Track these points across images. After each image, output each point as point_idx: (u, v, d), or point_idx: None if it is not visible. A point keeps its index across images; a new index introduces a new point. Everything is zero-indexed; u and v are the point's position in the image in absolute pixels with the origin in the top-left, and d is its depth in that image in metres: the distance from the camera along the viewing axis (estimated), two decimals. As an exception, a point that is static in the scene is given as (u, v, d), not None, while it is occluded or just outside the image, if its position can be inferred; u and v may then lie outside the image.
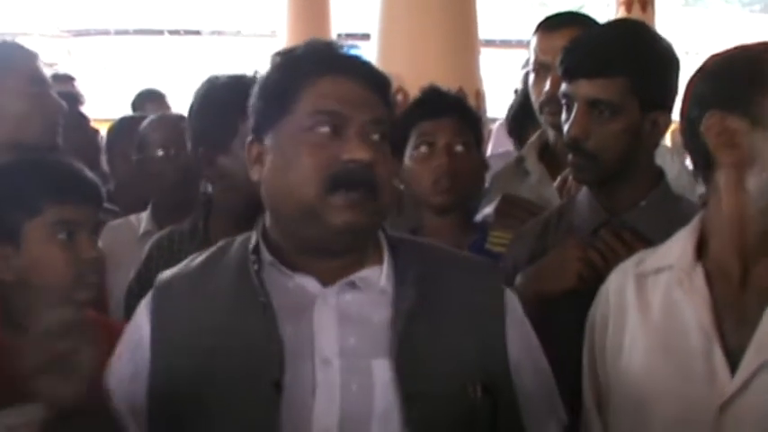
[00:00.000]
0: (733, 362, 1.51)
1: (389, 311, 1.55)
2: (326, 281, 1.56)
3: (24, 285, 1.88)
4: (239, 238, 1.66)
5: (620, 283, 1.71)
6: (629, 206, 1.99)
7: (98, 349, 1.58)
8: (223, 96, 2.20)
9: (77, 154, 3.26)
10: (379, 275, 1.58)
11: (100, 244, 1.99)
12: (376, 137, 1.53)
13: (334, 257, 1.56)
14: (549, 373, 1.72)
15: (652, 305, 1.64)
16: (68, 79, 4.48)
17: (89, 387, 1.58)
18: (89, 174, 2.02)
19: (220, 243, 1.68)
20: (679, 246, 1.63)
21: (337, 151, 1.50)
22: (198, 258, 1.66)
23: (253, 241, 1.61)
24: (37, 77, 2.43)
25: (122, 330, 1.97)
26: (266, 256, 1.58)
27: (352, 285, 1.56)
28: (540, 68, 2.58)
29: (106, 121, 4.28)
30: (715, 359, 1.52)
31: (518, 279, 2.03)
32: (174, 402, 1.53)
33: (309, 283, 1.56)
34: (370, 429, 1.50)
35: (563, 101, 2.02)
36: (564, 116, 2.02)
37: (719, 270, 1.57)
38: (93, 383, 1.63)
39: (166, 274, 1.67)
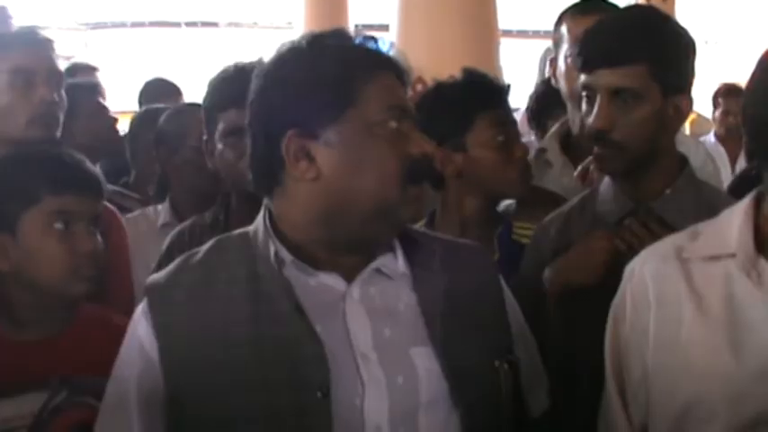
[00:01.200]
0: None
1: (413, 296, 1.54)
2: (349, 276, 1.53)
3: (20, 276, 1.87)
4: (233, 237, 1.60)
5: (658, 270, 1.61)
6: (654, 194, 1.97)
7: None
8: (211, 88, 2.27)
9: (97, 143, 3.26)
10: (394, 261, 1.57)
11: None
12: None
13: (363, 251, 1.54)
14: (535, 343, 1.77)
15: (707, 296, 1.54)
16: (90, 69, 4.45)
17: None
18: (89, 166, 2.01)
19: (211, 243, 1.60)
20: (735, 234, 1.54)
21: (405, 145, 1.49)
22: (192, 261, 1.58)
23: (260, 240, 1.53)
24: (21, 68, 2.39)
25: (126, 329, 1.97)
26: (286, 255, 1.52)
27: (378, 273, 1.54)
28: None
29: (124, 113, 4.27)
30: None
31: (546, 272, 2.00)
32: (204, 420, 1.46)
33: (334, 280, 1.52)
34: (417, 419, 1.49)
35: (583, 93, 1.99)
36: (585, 108, 1.99)
37: None
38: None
39: (158, 278, 1.57)
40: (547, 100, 3.44)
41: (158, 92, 4.69)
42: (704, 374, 1.51)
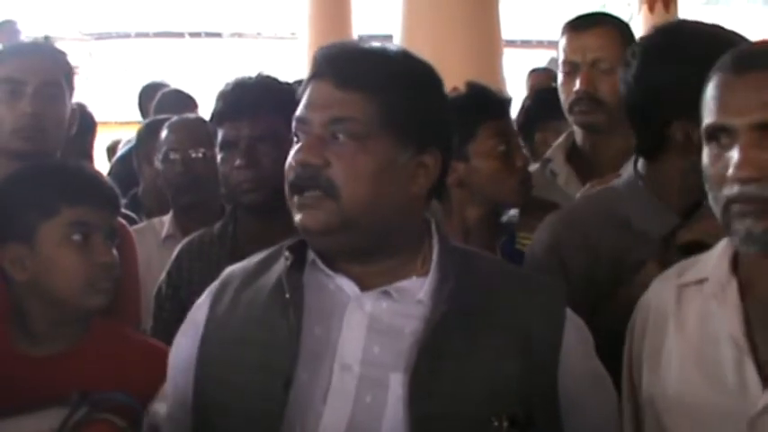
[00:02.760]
0: (765, 375, 1.47)
1: (420, 325, 1.49)
2: (366, 285, 1.52)
3: (37, 288, 1.88)
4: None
5: (660, 292, 1.66)
6: (692, 207, 1.89)
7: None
8: (214, 102, 2.29)
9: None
10: (420, 286, 1.52)
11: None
12: (338, 136, 1.47)
13: (361, 262, 1.53)
14: (614, 413, 1.63)
15: (688, 316, 1.60)
16: None
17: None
18: (106, 179, 2.02)
19: (289, 240, 1.64)
20: (716, 257, 1.59)
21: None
22: (258, 257, 1.65)
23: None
24: (8, 78, 2.36)
25: (140, 342, 1.99)
26: (310, 253, 1.55)
27: (388, 294, 1.51)
28: (571, 68, 2.56)
29: (127, 123, 4.29)
30: (746, 371, 1.48)
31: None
32: (206, 389, 1.55)
33: (347, 286, 1.52)
34: None
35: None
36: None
37: (751, 283, 1.54)
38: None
39: (234, 265, 1.67)
40: (535, 112, 3.47)
41: (173, 103, 4.66)
42: (676, 387, 1.57)
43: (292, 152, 1.49)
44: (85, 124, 3.31)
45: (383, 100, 1.48)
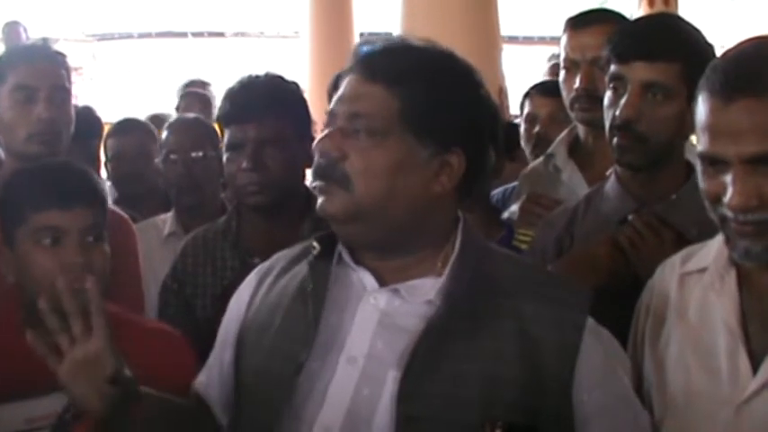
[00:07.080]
0: (757, 364, 1.51)
1: (423, 324, 1.49)
2: (385, 280, 1.55)
3: (21, 288, 1.92)
4: None
5: (665, 278, 1.71)
6: (660, 198, 2.00)
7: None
8: (221, 102, 2.34)
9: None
10: (432, 286, 1.52)
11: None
12: (358, 130, 1.49)
13: (380, 257, 1.56)
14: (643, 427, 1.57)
15: (689, 303, 1.64)
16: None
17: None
18: (80, 178, 1.97)
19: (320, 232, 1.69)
20: (717, 247, 1.61)
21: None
22: (302, 245, 1.69)
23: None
24: (23, 85, 2.43)
25: (146, 327, 2.01)
26: (340, 245, 1.59)
27: (398, 292, 1.53)
28: (571, 65, 2.59)
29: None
30: (739, 359, 1.52)
31: (548, 268, 2.02)
32: (239, 357, 1.66)
33: (367, 279, 1.55)
34: None
35: (611, 84, 2.03)
36: (610, 99, 2.04)
37: (748, 275, 1.56)
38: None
39: (283, 251, 1.74)
40: None
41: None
42: (674, 370, 1.62)
43: (316, 140, 1.53)
44: (93, 128, 3.36)
45: (405, 94, 1.49)
